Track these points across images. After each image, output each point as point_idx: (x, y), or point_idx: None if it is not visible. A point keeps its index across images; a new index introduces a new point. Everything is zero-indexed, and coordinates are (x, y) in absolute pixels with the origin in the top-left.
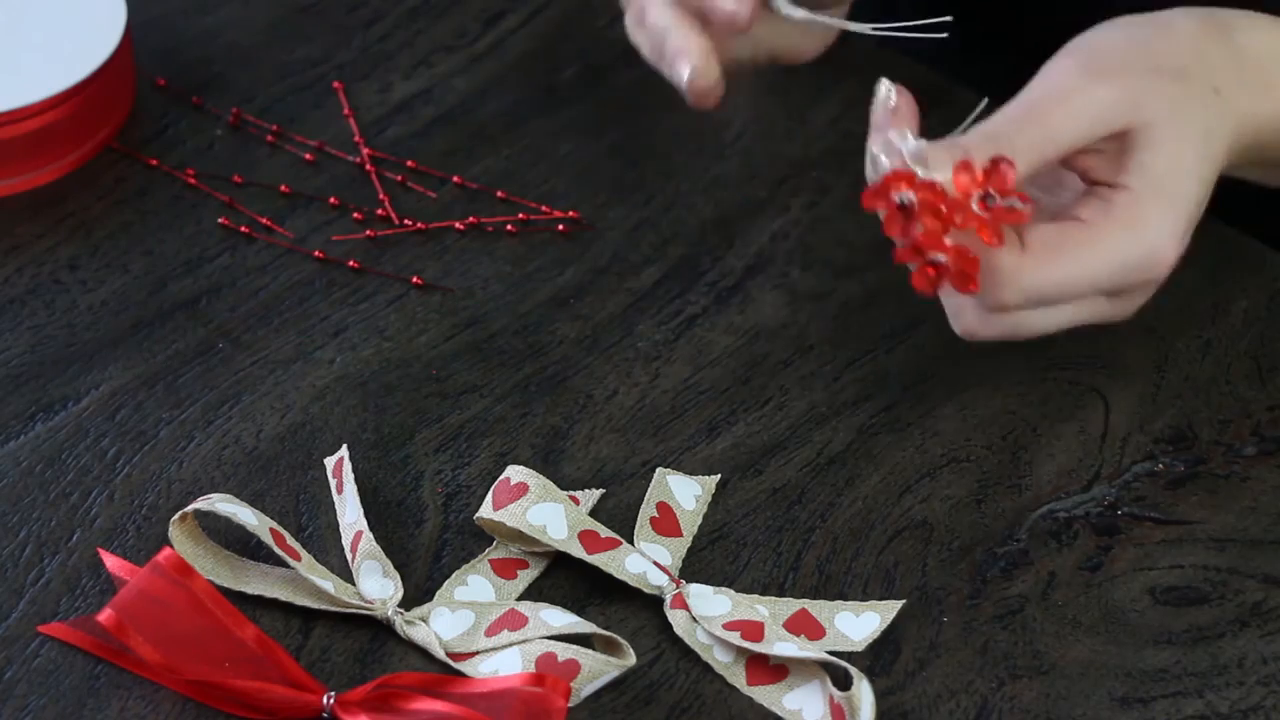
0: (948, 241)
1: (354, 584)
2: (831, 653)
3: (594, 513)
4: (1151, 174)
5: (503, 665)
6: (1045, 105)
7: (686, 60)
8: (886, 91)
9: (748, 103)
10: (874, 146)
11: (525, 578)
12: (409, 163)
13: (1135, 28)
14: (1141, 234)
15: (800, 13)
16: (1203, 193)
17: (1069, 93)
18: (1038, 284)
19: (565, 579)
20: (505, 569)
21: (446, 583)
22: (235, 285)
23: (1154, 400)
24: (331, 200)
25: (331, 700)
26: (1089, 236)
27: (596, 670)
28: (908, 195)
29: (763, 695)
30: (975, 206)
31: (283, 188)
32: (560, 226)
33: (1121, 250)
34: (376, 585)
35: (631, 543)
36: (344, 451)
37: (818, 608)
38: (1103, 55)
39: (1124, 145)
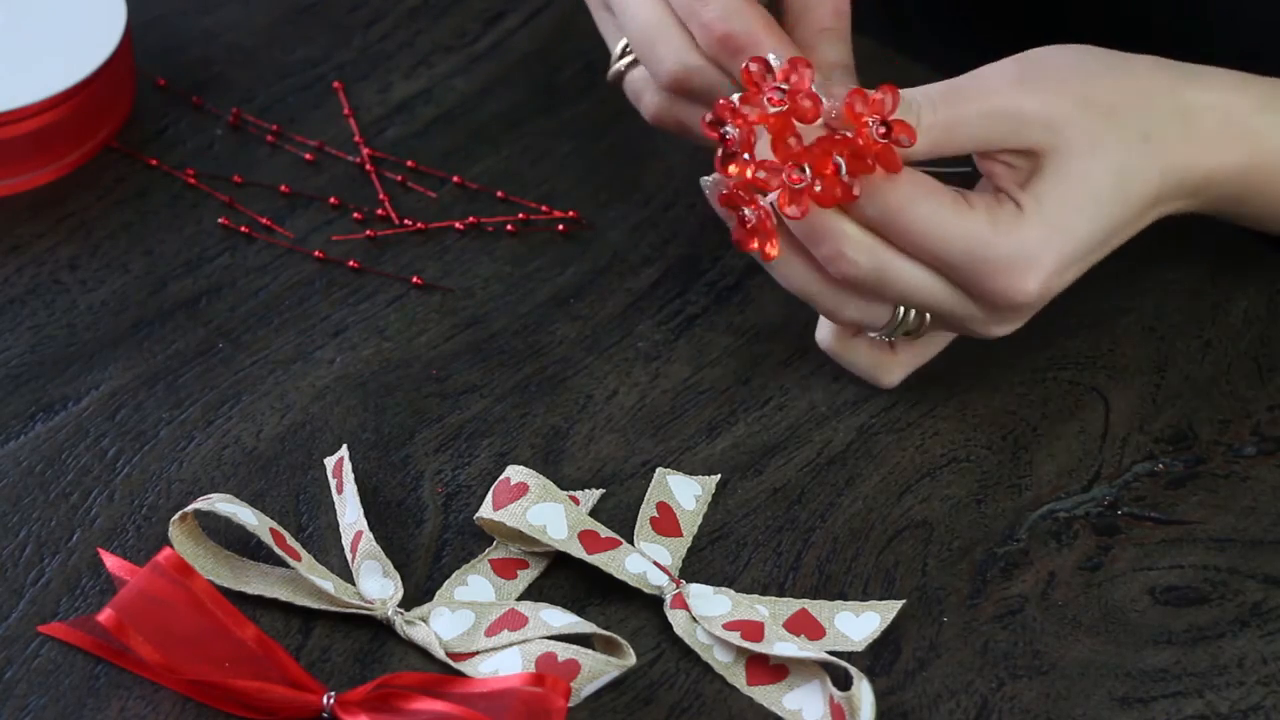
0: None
1: (354, 584)
2: (831, 653)
3: (594, 513)
4: (1045, 202)
5: (503, 665)
6: (967, 94)
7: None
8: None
9: None
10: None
11: (525, 578)
12: (409, 163)
13: (1092, 57)
14: (1008, 238)
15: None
16: (1100, 234)
17: (993, 93)
18: (894, 198)
19: (565, 579)
20: (505, 569)
21: (446, 583)
22: (235, 285)
23: (1154, 400)
24: (331, 200)
25: (331, 700)
26: (957, 200)
27: (596, 670)
28: (733, 129)
29: (763, 695)
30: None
31: (283, 188)
32: (560, 226)
33: (979, 233)
34: (376, 585)
35: (631, 543)
36: (344, 451)
37: (818, 608)
38: (1042, 69)
39: (1033, 166)
